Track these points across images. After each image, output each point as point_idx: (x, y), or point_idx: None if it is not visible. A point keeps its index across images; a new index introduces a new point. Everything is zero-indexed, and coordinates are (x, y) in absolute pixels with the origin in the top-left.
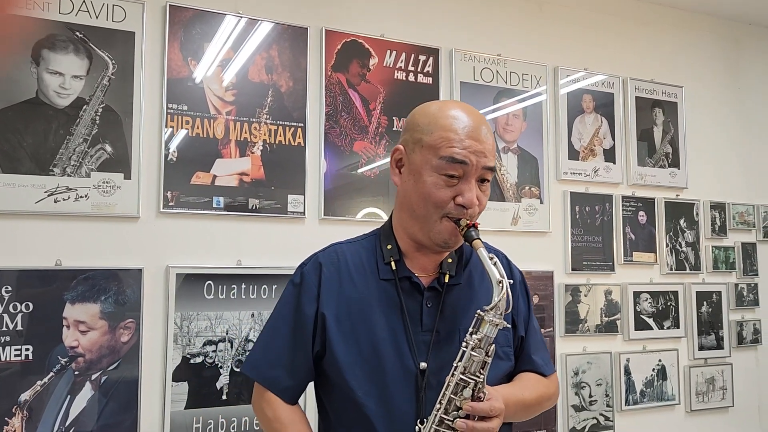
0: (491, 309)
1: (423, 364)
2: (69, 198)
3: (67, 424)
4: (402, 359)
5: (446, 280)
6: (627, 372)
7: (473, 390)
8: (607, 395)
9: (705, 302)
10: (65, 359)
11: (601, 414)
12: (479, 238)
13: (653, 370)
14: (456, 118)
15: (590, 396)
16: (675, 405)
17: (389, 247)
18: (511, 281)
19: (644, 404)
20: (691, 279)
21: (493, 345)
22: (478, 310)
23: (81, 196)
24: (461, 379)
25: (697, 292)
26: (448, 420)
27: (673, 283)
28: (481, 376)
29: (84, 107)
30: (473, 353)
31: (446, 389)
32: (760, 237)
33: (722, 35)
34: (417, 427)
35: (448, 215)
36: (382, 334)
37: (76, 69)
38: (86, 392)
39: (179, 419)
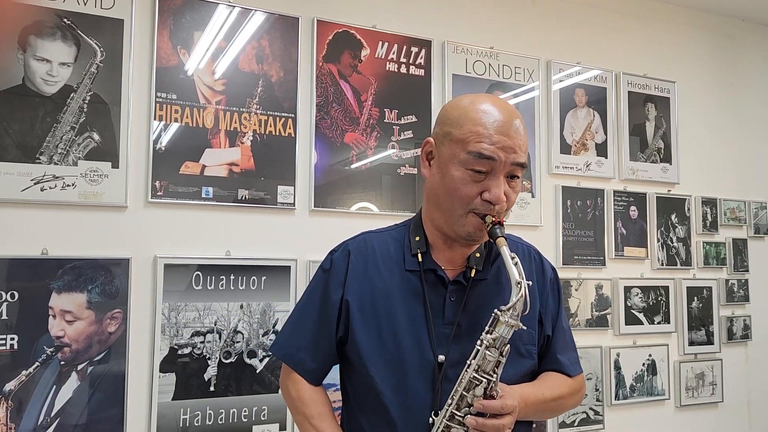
0: (508, 309)
1: (441, 357)
2: (56, 186)
3: (53, 414)
4: (421, 350)
5: (472, 275)
6: (617, 367)
7: (485, 389)
8: (597, 390)
9: (695, 298)
10: (51, 349)
11: (591, 408)
12: (504, 236)
13: (643, 365)
14: (486, 112)
15: None
16: (665, 400)
17: (417, 238)
18: (530, 282)
19: (634, 399)
20: (682, 274)
21: (508, 346)
22: (495, 310)
23: (68, 185)
24: (474, 377)
25: (687, 287)
26: (459, 416)
27: (664, 279)
28: (494, 376)
29: (71, 95)
30: (487, 352)
31: (458, 385)
32: (751, 233)
33: (715, 31)
34: (431, 419)
35: (474, 210)
36: (404, 324)
37: (63, 56)
38: (72, 383)
39: (166, 411)
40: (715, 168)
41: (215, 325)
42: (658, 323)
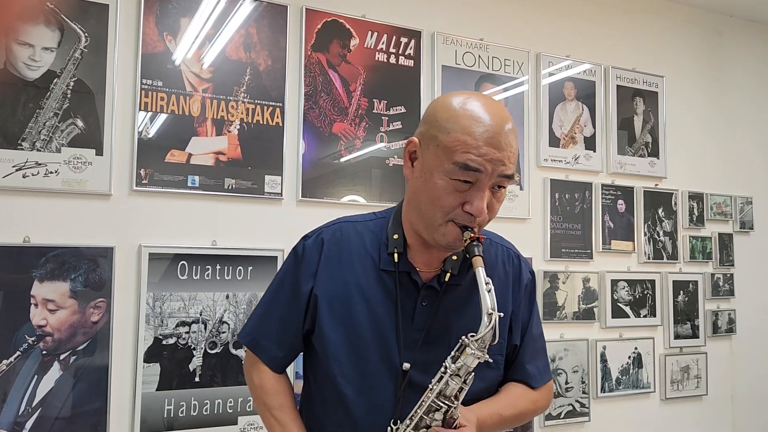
0: (476, 339)
1: (406, 365)
2: (38, 173)
3: (34, 404)
4: (387, 354)
5: (446, 279)
6: (603, 359)
7: (445, 414)
8: (583, 382)
9: (681, 291)
10: (33, 338)
11: (576, 401)
12: (481, 255)
13: (629, 357)
14: (477, 120)
15: (566, 383)
16: (650, 393)
17: (396, 236)
18: (501, 314)
19: (620, 392)
20: (668, 268)
21: (472, 374)
22: (463, 336)
23: (51, 172)
24: (434, 401)
25: (673, 281)
26: None
27: (651, 272)
28: (455, 402)
29: (55, 80)
30: (450, 380)
31: (419, 407)
32: (736, 228)
33: (703, 26)
34: (390, 428)
35: (453, 220)
36: (372, 325)
37: (46, 41)
38: (54, 372)
39: (151, 401)
40: (702, 163)
41: (201, 315)
42: (644, 317)
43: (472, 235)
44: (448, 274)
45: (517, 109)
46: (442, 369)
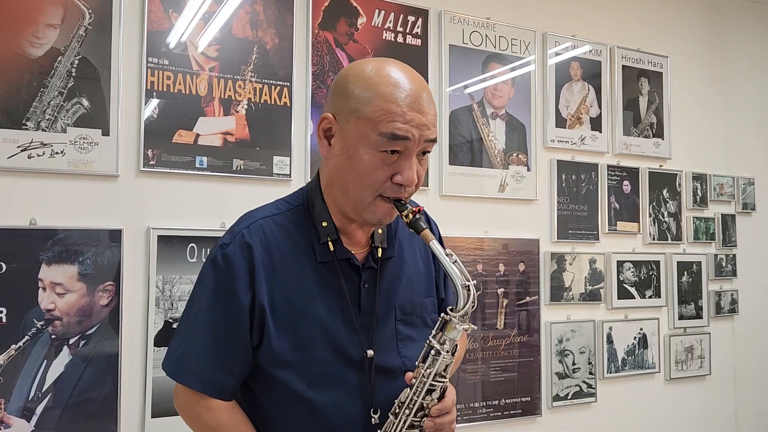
0: (460, 315)
1: (370, 352)
2: (44, 154)
3: (44, 389)
4: (348, 347)
5: (379, 254)
6: (609, 340)
7: (441, 391)
8: (590, 363)
9: (685, 272)
10: (41, 322)
11: (583, 381)
12: (428, 227)
13: (634, 338)
14: (396, 86)
15: (573, 364)
16: (655, 373)
17: (324, 224)
18: (475, 281)
19: (625, 372)
20: (673, 249)
21: (457, 345)
22: (443, 314)
23: (56, 152)
24: (431, 384)
25: (678, 262)
26: (416, 422)
27: (656, 253)
28: (446, 377)
29: (59, 58)
30: (438, 358)
31: (416, 395)
32: (739, 209)
33: (706, 7)
34: (373, 419)
35: (382, 194)
36: (323, 322)
37: (50, 17)
38: (64, 357)
39: (161, 385)
40: (705, 144)
41: None
42: (649, 297)
43: (414, 209)
44: (380, 249)
45: (524, 90)
46: (433, 352)
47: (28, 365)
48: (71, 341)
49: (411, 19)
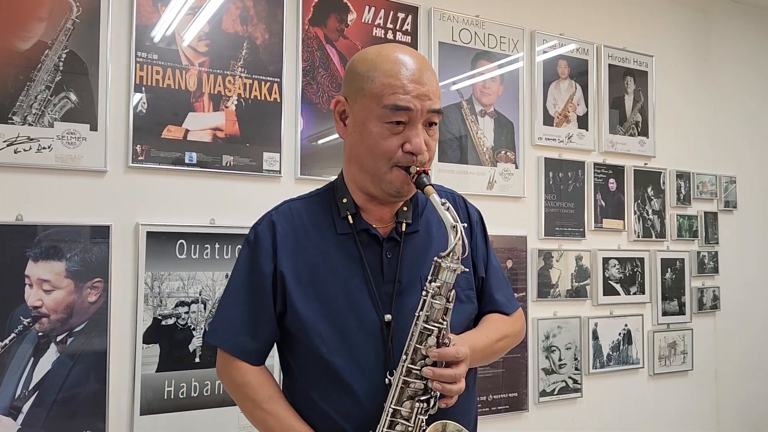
0: (448, 255)
1: (388, 316)
2: (30, 149)
3: (31, 387)
4: (366, 313)
5: (403, 229)
6: (595, 336)
7: (437, 337)
8: (575, 359)
9: (669, 269)
10: (28, 320)
11: (569, 377)
12: (431, 184)
13: (619, 334)
14: (397, 63)
15: (560, 359)
16: (639, 368)
17: (344, 201)
18: (465, 225)
19: (610, 368)
20: (657, 246)
21: (453, 291)
22: (435, 258)
23: (44, 147)
24: (425, 327)
25: (661, 259)
26: (415, 369)
27: (640, 250)
28: (444, 323)
29: (46, 52)
30: (434, 301)
31: (411, 339)
32: (721, 207)
33: (692, 7)
34: (387, 379)
35: (397, 164)
36: (344, 289)
37: (36, 10)
38: (51, 354)
39: (150, 383)
40: (689, 142)
41: (200, 295)
42: (634, 294)
43: (418, 168)
44: (404, 224)
45: (512, 87)
46: (424, 294)
47: (15, 363)
48: (58, 338)
49: (401, 15)
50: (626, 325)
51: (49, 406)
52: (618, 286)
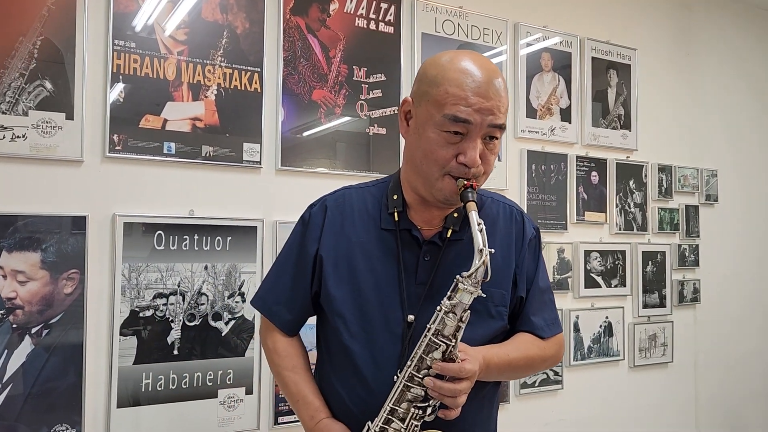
0: (469, 276)
1: (411, 317)
2: (4, 138)
3: (5, 380)
4: (392, 309)
5: (448, 235)
6: (576, 329)
7: (443, 352)
8: None
9: (650, 262)
10: (2, 311)
11: (551, 369)
12: (474, 201)
13: (600, 327)
14: (465, 72)
15: None
16: (619, 361)
17: (395, 197)
18: (492, 250)
19: (591, 360)
20: (638, 239)
21: (468, 312)
22: (457, 276)
23: (18, 136)
24: (432, 340)
25: (643, 251)
26: (418, 377)
27: (621, 243)
28: (453, 341)
29: (20, 38)
30: (446, 317)
31: (418, 348)
32: (702, 200)
33: (675, 1)
34: (396, 377)
35: (450, 173)
36: (376, 281)
37: None
38: (26, 347)
39: (127, 375)
40: (671, 136)
41: (178, 287)
42: (615, 286)
43: (466, 182)
44: (450, 230)
45: None
46: (438, 307)
47: None
48: (33, 330)
49: (384, 6)
50: (607, 318)
51: (23, 399)
52: (599, 279)
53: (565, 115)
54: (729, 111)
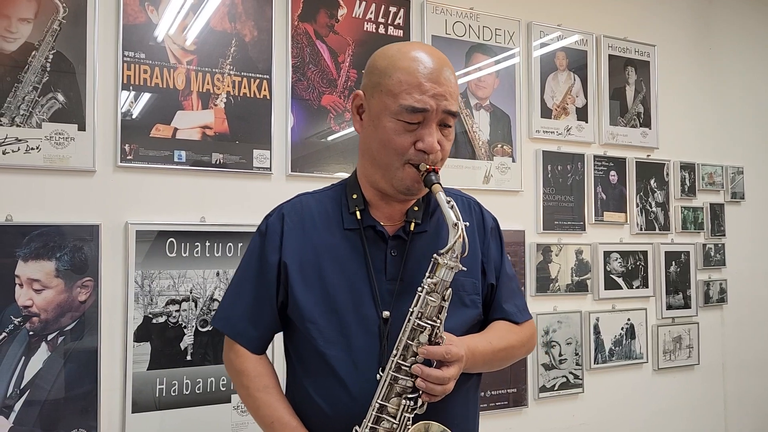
0: (446, 252)
1: (386, 313)
2: (19, 150)
3: (22, 386)
4: (365, 308)
5: (411, 228)
6: (596, 331)
7: (430, 335)
8: (576, 354)
9: (673, 262)
10: (18, 319)
11: (570, 372)
12: (439, 183)
13: (622, 329)
14: (415, 60)
15: (560, 355)
16: (643, 363)
17: (354, 196)
18: (467, 223)
19: (613, 363)
20: (660, 239)
21: (450, 289)
22: (434, 255)
23: (32, 148)
24: (417, 324)
25: (665, 252)
26: (405, 366)
27: (643, 243)
28: (438, 321)
29: (33, 53)
30: (429, 297)
31: (402, 335)
32: (727, 198)
33: None
34: (378, 375)
35: (409, 161)
36: (346, 283)
37: (22, 11)
38: (42, 353)
39: (142, 381)
40: (693, 133)
41: (191, 293)
42: (637, 288)
43: (428, 166)
44: (413, 223)
45: (509, 80)
46: (419, 289)
47: (6, 362)
48: (49, 338)
49: (393, 9)
50: (629, 320)
51: (40, 404)
52: (620, 280)
53: (582, 114)
54: (754, 105)
